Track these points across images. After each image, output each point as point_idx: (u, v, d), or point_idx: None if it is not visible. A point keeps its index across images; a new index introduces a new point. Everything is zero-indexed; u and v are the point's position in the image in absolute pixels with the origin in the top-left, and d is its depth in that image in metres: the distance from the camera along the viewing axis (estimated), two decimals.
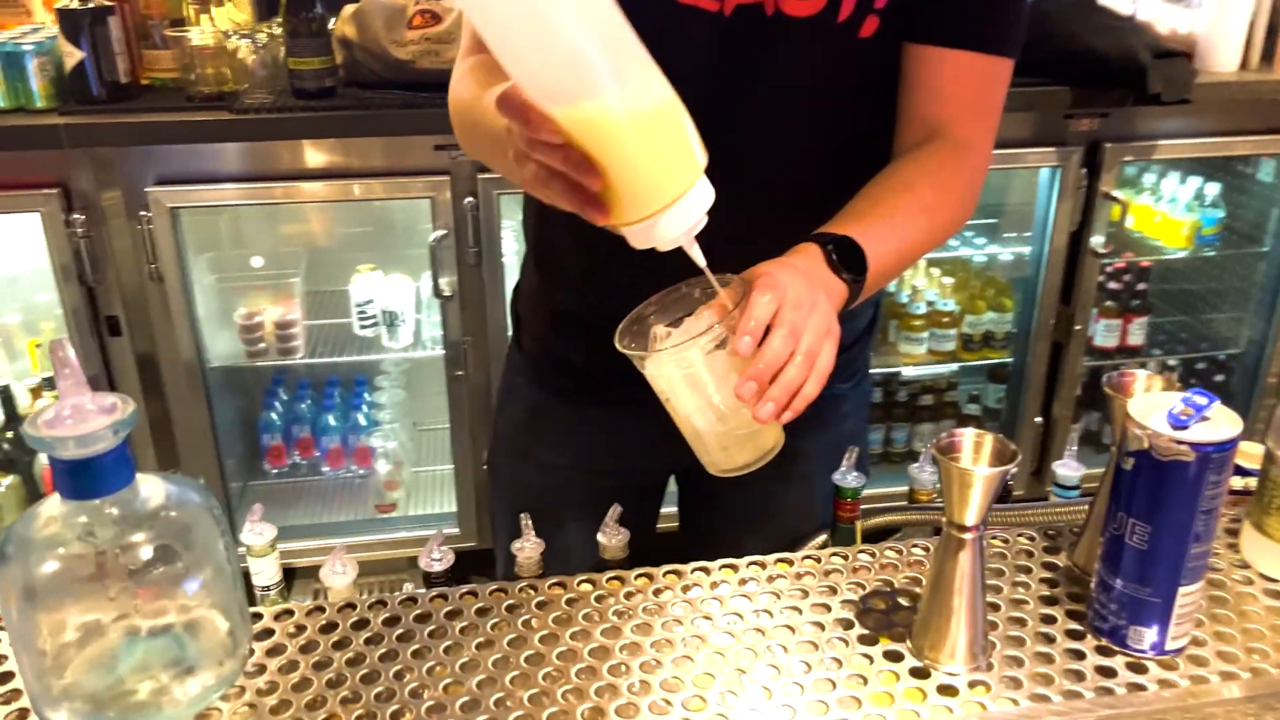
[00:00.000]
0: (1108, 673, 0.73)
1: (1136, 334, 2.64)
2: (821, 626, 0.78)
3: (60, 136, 2.01)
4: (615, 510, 0.92)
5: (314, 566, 0.94)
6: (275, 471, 2.62)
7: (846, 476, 1.01)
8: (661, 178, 0.67)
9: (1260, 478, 0.82)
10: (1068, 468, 1.04)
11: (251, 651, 0.73)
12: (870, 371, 2.78)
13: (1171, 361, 2.79)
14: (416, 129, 2.05)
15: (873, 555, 0.85)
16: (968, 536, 0.70)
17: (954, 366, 2.70)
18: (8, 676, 0.71)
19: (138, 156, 2.06)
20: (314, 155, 2.11)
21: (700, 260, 0.74)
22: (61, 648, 0.63)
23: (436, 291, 2.18)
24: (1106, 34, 2.22)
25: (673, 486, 1.27)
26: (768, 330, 0.73)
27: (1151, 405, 0.71)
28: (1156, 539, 0.71)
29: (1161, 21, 2.40)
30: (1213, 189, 2.51)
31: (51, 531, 0.62)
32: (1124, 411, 0.72)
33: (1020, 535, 0.88)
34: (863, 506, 1.01)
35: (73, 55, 2.07)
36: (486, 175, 2.09)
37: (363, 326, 2.42)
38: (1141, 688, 0.72)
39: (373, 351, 2.44)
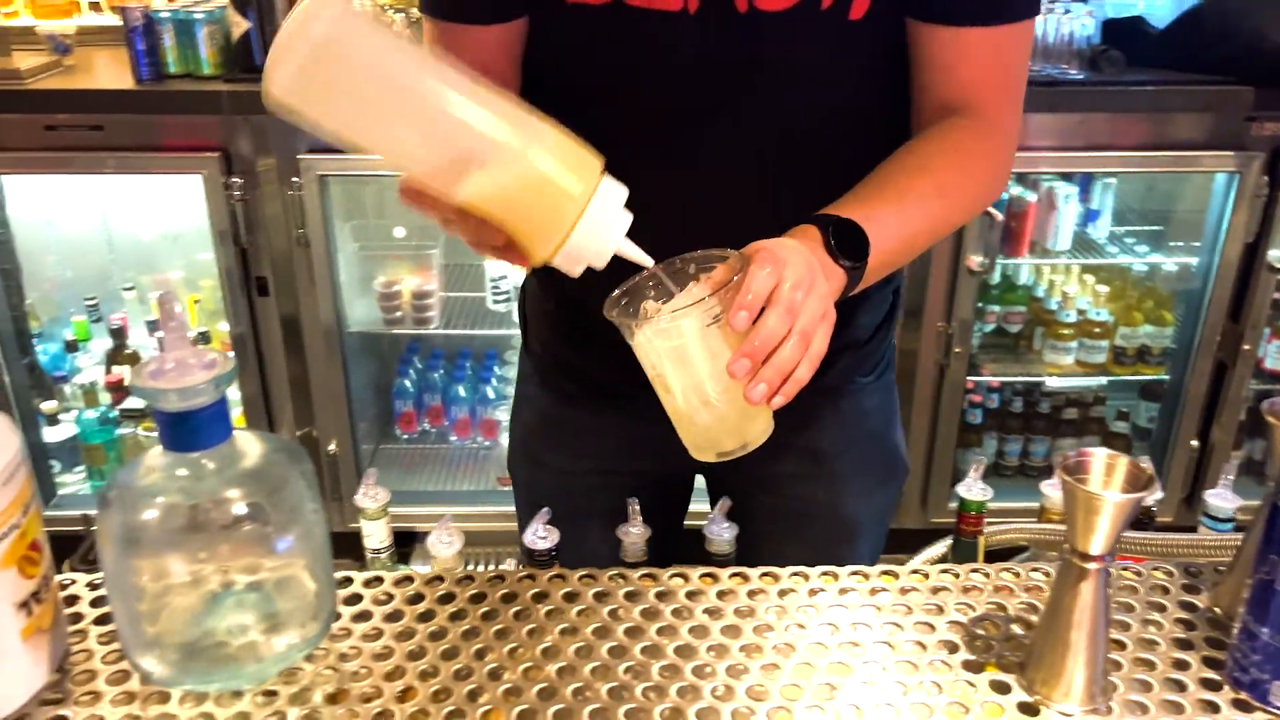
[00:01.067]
0: None
1: None
2: (923, 647, 0.73)
3: (223, 103, 2.10)
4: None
5: None
6: (405, 437, 2.70)
7: (972, 488, 0.95)
8: (551, 209, 0.66)
9: None
10: (1221, 498, 0.95)
11: (338, 615, 0.74)
12: (1011, 380, 2.64)
13: None
14: None
15: (986, 576, 0.80)
16: (1092, 567, 0.64)
17: (1103, 380, 2.54)
18: (107, 618, 0.73)
19: (293, 125, 2.12)
20: None
21: (644, 260, 0.72)
22: (154, 596, 0.65)
23: None
24: None
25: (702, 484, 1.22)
26: (764, 309, 0.69)
27: None
28: None
29: None
30: None
31: (151, 481, 0.63)
32: None
33: (1156, 569, 0.80)
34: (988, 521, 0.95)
35: (240, 25, 2.16)
36: None
37: (496, 301, 2.46)
38: None
39: (504, 326, 2.48)
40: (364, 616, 0.74)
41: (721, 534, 0.88)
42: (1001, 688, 0.69)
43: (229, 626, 0.66)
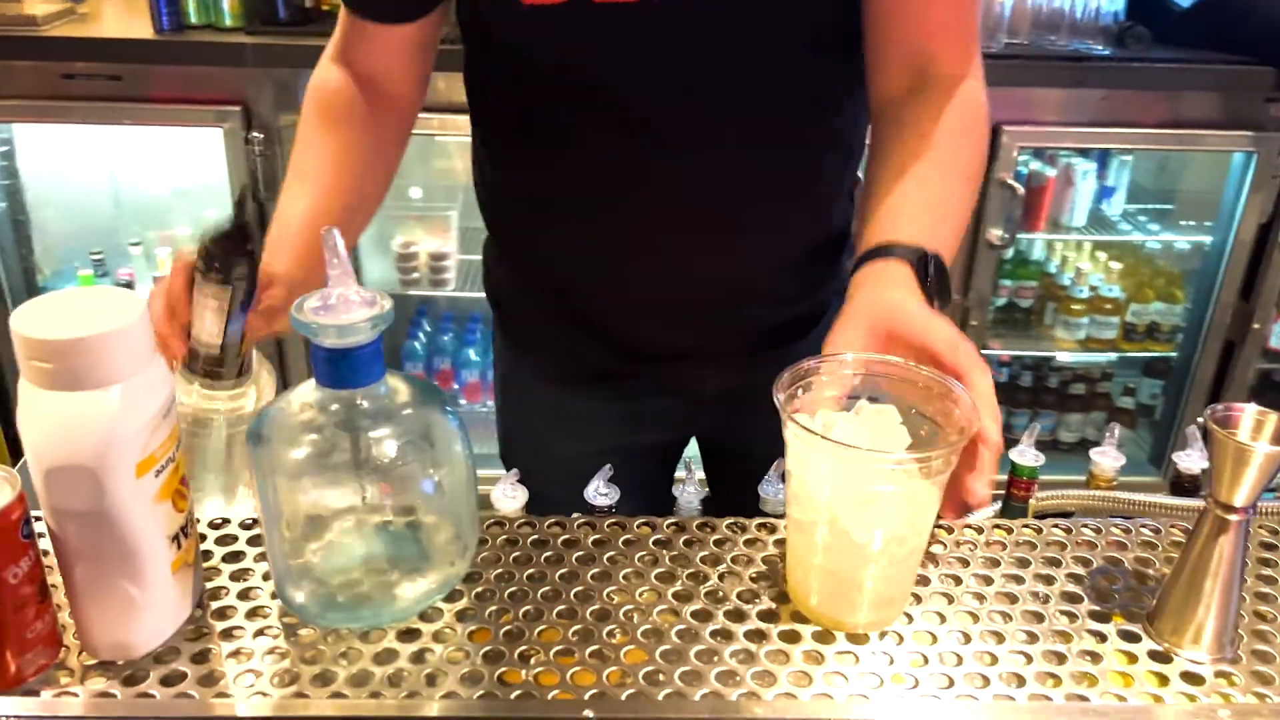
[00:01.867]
0: None
1: None
2: (1046, 599, 0.74)
3: (245, 55, 2.07)
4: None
5: None
6: None
7: (1025, 454, 0.97)
8: None
9: None
10: None
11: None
12: (1021, 354, 2.67)
13: None
14: None
15: (1098, 531, 0.81)
16: (1234, 518, 0.65)
17: (1111, 356, 2.58)
18: (236, 557, 0.73)
19: None
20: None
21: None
22: (305, 529, 0.64)
23: None
24: None
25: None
26: None
27: None
28: None
29: None
30: None
31: (307, 417, 0.63)
32: None
33: (1262, 527, 0.82)
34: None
35: None
36: None
37: None
38: None
39: None
40: (493, 561, 0.74)
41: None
42: (1130, 636, 0.70)
43: (375, 564, 0.66)
